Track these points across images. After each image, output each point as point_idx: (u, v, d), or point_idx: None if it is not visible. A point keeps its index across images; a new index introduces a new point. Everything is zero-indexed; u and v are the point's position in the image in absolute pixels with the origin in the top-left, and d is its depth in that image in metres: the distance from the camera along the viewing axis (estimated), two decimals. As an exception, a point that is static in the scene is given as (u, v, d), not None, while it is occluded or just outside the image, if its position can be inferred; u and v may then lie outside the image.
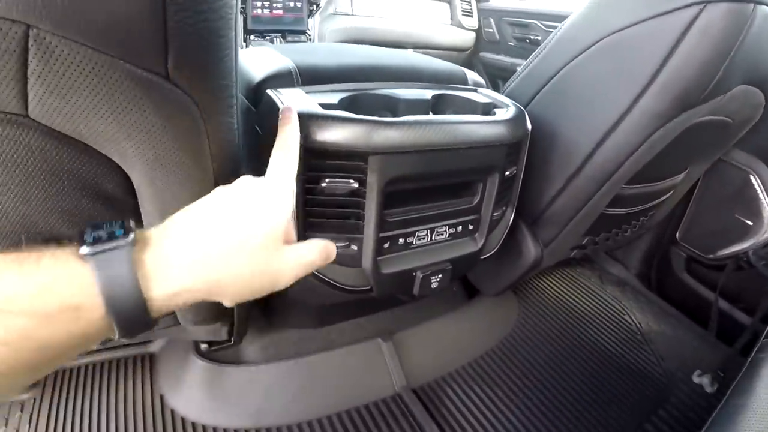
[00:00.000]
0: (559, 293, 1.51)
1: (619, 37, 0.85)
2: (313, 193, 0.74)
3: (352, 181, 0.73)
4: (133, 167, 0.50)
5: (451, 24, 2.19)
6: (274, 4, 1.82)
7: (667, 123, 0.85)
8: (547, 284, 1.54)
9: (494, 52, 2.18)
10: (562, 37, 0.98)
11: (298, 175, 0.69)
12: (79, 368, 1.05)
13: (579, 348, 1.30)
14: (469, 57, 2.32)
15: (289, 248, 0.43)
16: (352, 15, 1.99)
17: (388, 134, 0.70)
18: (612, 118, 0.87)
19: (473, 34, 2.22)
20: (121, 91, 0.41)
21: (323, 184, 0.73)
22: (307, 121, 0.68)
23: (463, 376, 1.18)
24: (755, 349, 0.79)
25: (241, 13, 1.71)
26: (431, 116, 0.78)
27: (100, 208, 0.56)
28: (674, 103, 0.82)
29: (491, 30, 2.16)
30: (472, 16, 2.19)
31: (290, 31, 1.86)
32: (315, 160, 0.71)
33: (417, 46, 2.08)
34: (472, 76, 1.05)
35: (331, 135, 0.69)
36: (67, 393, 0.99)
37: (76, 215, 0.55)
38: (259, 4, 1.79)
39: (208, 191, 0.42)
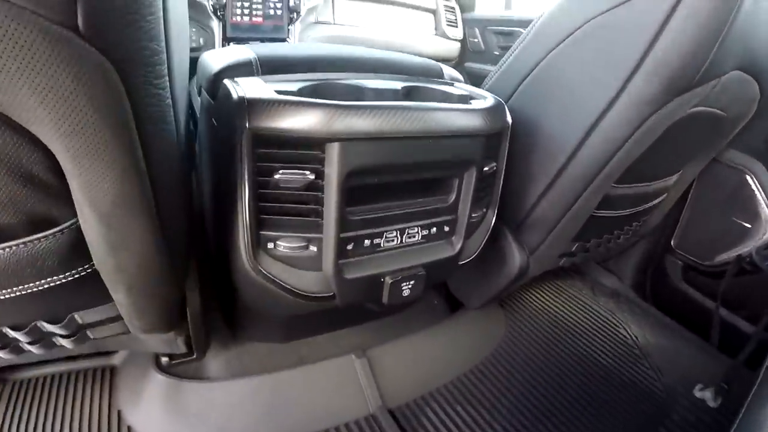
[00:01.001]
0: (549, 306, 1.43)
1: (603, 20, 0.80)
2: (265, 186, 0.68)
3: (307, 172, 0.67)
4: (52, 140, 0.45)
5: (436, 34, 2.16)
6: (254, 12, 1.79)
7: (658, 110, 0.79)
8: (536, 297, 1.46)
9: (480, 61, 2.14)
10: (542, 26, 0.92)
11: (247, 166, 0.64)
12: (37, 379, 1.00)
13: (571, 364, 1.22)
14: (454, 67, 2.27)
15: None
16: (334, 24, 1.95)
17: (347, 119, 0.64)
18: (599, 107, 0.81)
19: (458, 45, 2.18)
20: (29, 46, 0.37)
21: (276, 176, 0.66)
22: (255, 106, 0.63)
23: (444, 395, 1.09)
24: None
25: (219, 20, 1.68)
26: (399, 102, 0.71)
27: (31, 194, 0.51)
28: (664, 87, 0.76)
29: (476, 40, 2.12)
30: (456, 27, 2.15)
31: (270, 39, 1.82)
32: (266, 149, 0.65)
33: (401, 57, 2.02)
34: (449, 71, 0.99)
35: (283, 120, 0.63)
36: (23, 404, 0.94)
37: (5, 202, 0.50)
38: (238, 11, 1.76)
39: (140, 180, 0.42)
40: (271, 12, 1.83)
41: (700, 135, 1.04)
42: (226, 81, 0.70)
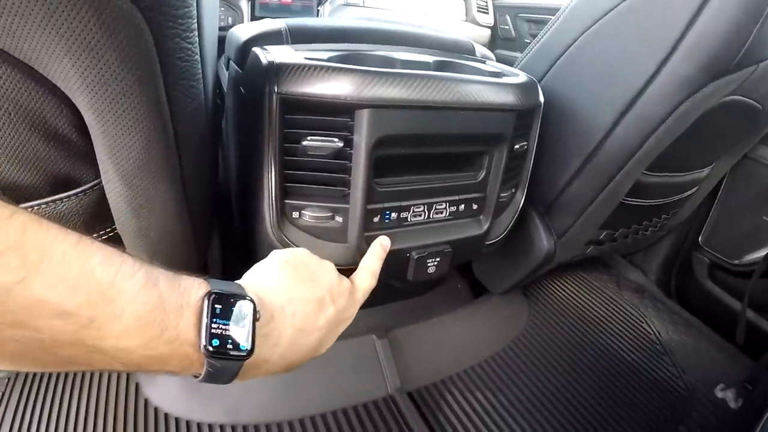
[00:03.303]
0: (573, 297, 1.41)
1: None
2: (292, 154, 0.66)
3: (336, 139, 0.65)
4: (77, 93, 0.44)
5: (466, 20, 2.13)
6: (283, -9, 1.79)
7: (695, 93, 0.76)
8: (561, 286, 1.44)
9: (510, 49, 2.11)
10: (576, 6, 0.90)
11: (275, 132, 0.62)
12: None
13: (593, 356, 1.20)
14: (483, 55, 2.25)
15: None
16: (364, 6, 1.93)
17: (378, 85, 0.62)
18: (635, 88, 0.79)
19: (488, 31, 2.14)
20: None
21: (304, 143, 0.65)
22: (284, 70, 0.62)
23: (464, 380, 1.08)
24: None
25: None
26: (431, 72, 0.69)
27: (55, 153, 0.51)
28: (702, 69, 0.73)
29: (507, 27, 2.09)
30: (487, 13, 2.12)
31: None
32: (294, 116, 0.64)
33: (430, 42, 2.00)
34: (481, 49, 0.97)
35: (312, 86, 0.62)
36: (42, 375, 0.95)
37: (29, 159, 0.49)
38: (267, -10, 1.76)
39: (166, 141, 0.42)
40: (301, -8, 1.83)
41: (735, 127, 1.01)
42: (255, 49, 0.69)
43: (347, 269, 0.78)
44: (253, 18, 1.74)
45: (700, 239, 1.37)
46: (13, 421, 0.85)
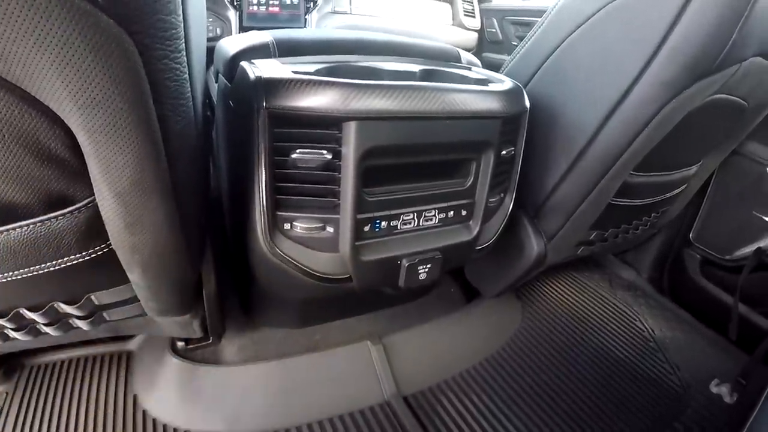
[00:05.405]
0: (566, 297, 1.42)
1: (623, 2, 0.78)
2: (282, 166, 0.67)
3: (324, 152, 0.66)
4: (69, 115, 0.45)
5: (453, 24, 2.14)
6: (271, 1, 1.79)
7: (679, 94, 0.77)
8: (553, 288, 1.45)
9: (497, 52, 2.12)
10: (561, 9, 0.91)
11: (264, 146, 0.63)
12: (54, 364, 1.01)
13: (587, 356, 1.21)
14: (471, 58, 2.26)
15: None
16: (351, 14, 1.94)
17: (364, 97, 0.63)
18: (619, 90, 0.80)
19: (475, 35, 2.15)
20: (47, 18, 0.37)
21: (293, 156, 0.66)
22: (272, 85, 0.63)
23: (460, 384, 1.08)
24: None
25: (236, 9, 1.69)
26: (416, 82, 0.70)
27: (49, 172, 0.51)
28: (685, 70, 0.74)
29: (494, 30, 2.10)
30: (474, 17, 2.13)
31: (286, 28, 1.82)
32: (283, 129, 0.65)
33: (418, 47, 2.01)
34: (466, 56, 0.98)
35: (299, 99, 0.63)
36: (39, 389, 0.95)
37: (23, 179, 0.50)
38: (255, 0, 1.76)
39: (157, 159, 0.41)
40: (288, 1, 1.83)
41: (721, 124, 1.02)
42: (243, 63, 0.70)
43: (340, 278, 0.79)
44: (242, 28, 1.75)
45: (691, 236, 1.39)
46: None
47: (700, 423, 1.05)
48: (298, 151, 0.66)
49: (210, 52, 0.88)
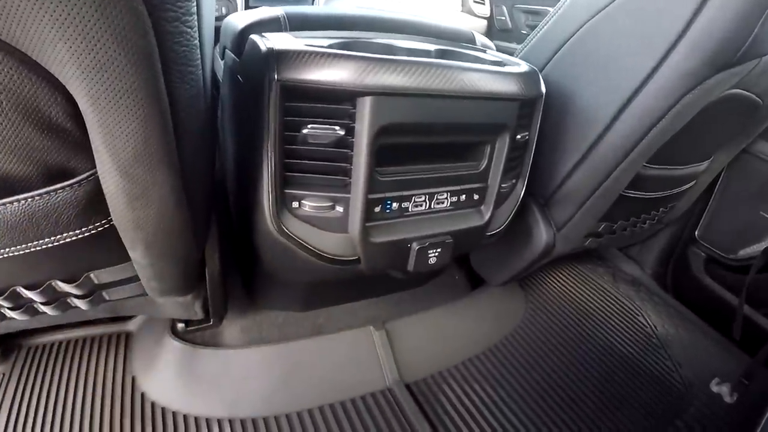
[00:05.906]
0: (569, 290, 1.41)
1: None
2: (292, 142, 0.65)
3: (337, 128, 0.64)
4: (72, 80, 0.42)
5: (462, 11, 2.12)
6: (278, -19, 1.77)
7: (697, 86, 0.75)
8: (558, 280, 1.44)
9: (507, 40, 2.11)
10: None
11: (275, 120, 0.61)
12: (52, 344, 0.99)
13: (589, 349, 1.20)
14: (480, 47, 2.25)
15: None
16: (360, -4, 1.93)
17: (380, 73, 0.61)
18: (637, 79, 0.78)
19: (485, 22, 2.14)
20: None
21: (304, 131, 0.64)
22: (284, 57, 0.60)
23: (462, 372, 1.07)
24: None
25: (243, -12, 1.67)
26: (434, 60, 0.68)
27: (48, 143, 0.49)
28: (706, 62, 0.72)
29: (503, 18, 2.08)
30: (483, 4, 2.11)
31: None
32: (295, 103, 0.63)
33: (426, 33, 1.99)
34: (481, 39, 0.96)
35: (313, 72, 0.61)
36: (37, 370, 0.94)
37: (22, 149, 0.48)
38: (262, -21, 1.74)
39: (164, 129, 0.39)
40: (296, -18, 1.81)
41: (734, 121, 1.00)
42: (253, 36, 0.68)
43: (348, 260, 0.77)
44: (248, 8, 1.72)
45: (696, 233, 1.38)
46: (8, 417, 0.84)
47: (701, 422, 1.04)
48: (309, 126, 0.64)
49: (216, 31, 0.86)
